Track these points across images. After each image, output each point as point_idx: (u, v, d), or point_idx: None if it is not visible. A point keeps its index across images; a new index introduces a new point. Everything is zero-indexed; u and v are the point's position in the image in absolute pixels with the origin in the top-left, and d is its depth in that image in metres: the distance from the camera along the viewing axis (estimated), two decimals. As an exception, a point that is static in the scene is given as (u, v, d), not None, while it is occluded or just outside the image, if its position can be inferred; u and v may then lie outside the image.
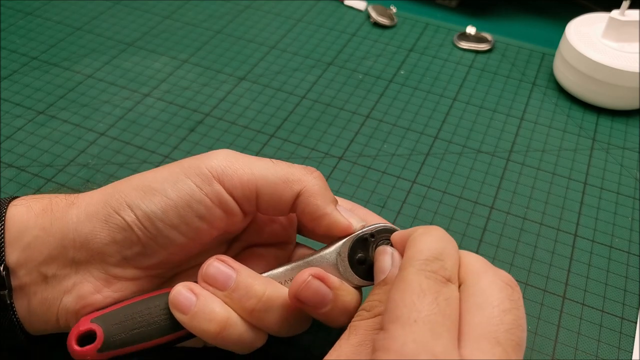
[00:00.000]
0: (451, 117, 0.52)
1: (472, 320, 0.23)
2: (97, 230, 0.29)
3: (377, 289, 0.28)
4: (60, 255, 0.29)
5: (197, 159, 0.30)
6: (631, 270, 0.40)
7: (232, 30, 0.61)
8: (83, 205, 0.29)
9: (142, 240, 0.29)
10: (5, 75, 0.54)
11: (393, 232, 0.30)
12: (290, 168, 0.31)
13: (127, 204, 0.29)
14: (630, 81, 0.50)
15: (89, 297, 0.30)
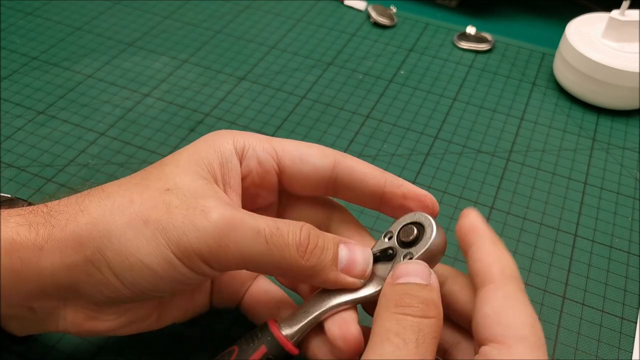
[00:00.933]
0: (451, 117, 0.52)
1: None
2: (80, 283, 0.27)
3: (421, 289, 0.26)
4: (41, 294, 0.27)
5: (184, 227, 0.26)
6: (631, 270, 0.40)
7: (232, 30, 0.61)
8: (57, 253, 0.26)
9: (129, 295, 0.27)
10: (5, 75, 0.54)
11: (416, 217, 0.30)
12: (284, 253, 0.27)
13: (111, 270, 0.26)
14: (630, 81, 0.50)
15: (86, 324, 0.29)
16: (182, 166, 0.28)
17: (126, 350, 0.34)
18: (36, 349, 0.34)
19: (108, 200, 0.27)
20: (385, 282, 0.27)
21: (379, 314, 0.26)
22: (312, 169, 0.30)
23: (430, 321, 0.25)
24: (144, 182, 0.28)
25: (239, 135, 0.30)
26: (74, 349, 0.34)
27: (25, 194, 0.43)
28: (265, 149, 0.30)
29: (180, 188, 0.27)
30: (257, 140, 0.30)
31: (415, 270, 0.27)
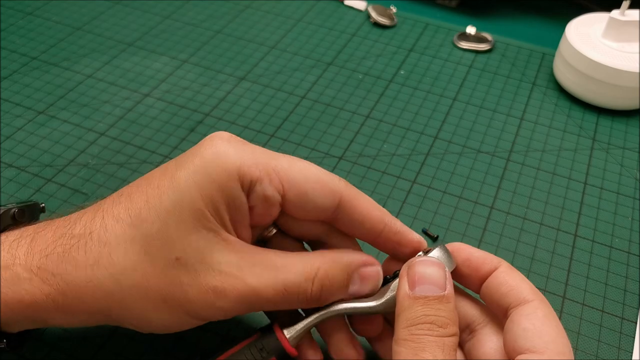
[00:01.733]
0: (451, 117, 0.52)
1: None
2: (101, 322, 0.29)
3: (438, 304, 0.27)
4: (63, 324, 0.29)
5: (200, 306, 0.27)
6: (631, 270, 0.40)
7: (232, 30, 0.61)
8: (70, 315, 0.28)
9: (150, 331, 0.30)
10: (5, 75, 0.54)
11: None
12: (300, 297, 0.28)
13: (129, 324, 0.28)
14: (630, 81, 0.50)
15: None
16: (185, 220, 0.27)
17: (126, 350, 0.34)
18: (36, 349, 0.34)
19: (114, 267, 0.27)
20: (402, 283, 0.28)
21: (401, 332, 0.27)
22: (315, 207, 0.30)
23: (451, 339, 0.26)
24: (148, 242, 0.27)
25: (246, 166, 0.28)
26: (74, 349, 0.34)
27: (26, 194, 0.43)
28: (273, 182, 0.28)
29: (189, 256, 0.27)
30: (264, 172, 0.28)
31: (432, 277, 0.28)
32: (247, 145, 0.29)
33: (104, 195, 0.43)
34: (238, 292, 0.27)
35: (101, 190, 0.44)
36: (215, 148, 0.28)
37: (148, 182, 0.28)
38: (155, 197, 0.27)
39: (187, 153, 0.29)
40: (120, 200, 0.28)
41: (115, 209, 0.28)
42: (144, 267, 0.27)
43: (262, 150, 0.29)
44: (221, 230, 0.28)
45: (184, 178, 0.27)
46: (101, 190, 0.44)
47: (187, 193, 0.27)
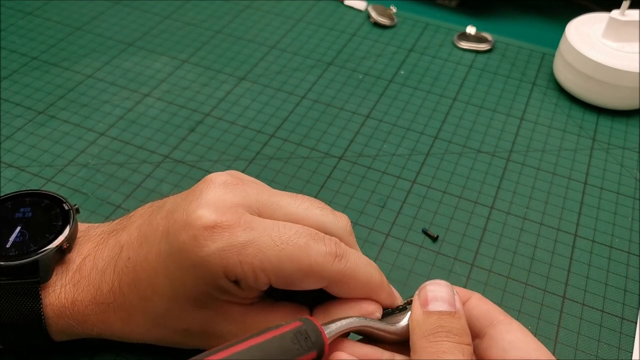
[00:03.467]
0: (451, 117, 0.52)
1: None
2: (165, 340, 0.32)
3: (451, 318, 0.28)
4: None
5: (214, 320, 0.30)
6: (631, 270, 0.40)
7: (232, 30, 0.61)
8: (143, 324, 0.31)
9: None
10: (5, 75, 0.54)
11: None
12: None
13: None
14: (630, 81, 0.50)
15: (117, 330, 0.32)
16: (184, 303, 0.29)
17: (126, 350, 0.34)
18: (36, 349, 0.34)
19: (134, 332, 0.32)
20: (415, 306, 0.29)
21: (419, 341, 0.27)
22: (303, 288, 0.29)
23: (468, 347, 0.27)
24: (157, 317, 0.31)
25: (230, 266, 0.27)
26: (74, 349, 0.34)
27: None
28: (258, 279, 0.28)
29: (194, 328, 0.31)
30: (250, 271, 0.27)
31: (442, 295, 0.29)
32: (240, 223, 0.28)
33: (104, 195, 0.43)
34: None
35: (101, 190, 0.44)
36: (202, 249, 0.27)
37: (147, 252, 0.30)
38: (154, 278, 0.29)
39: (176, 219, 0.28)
40: (129, 269, 0.30)
41: (127, 277, 0.30)
42: (156, 332, 0.31)
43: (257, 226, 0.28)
44: (221, 306, 0.30)
45: (174, 270, 0.28)
46: (101, 190, 0.44)
47: (181, 285, 0.29)
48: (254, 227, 0.28)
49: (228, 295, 0.29)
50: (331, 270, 0.29)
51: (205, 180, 0.30)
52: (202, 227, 0.27)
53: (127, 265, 0.30)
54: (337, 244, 0.29)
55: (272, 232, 0.28)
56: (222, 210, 0.28)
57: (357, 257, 0.30)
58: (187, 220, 0.28)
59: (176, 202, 0.30)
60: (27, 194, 0.34)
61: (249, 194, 0.29)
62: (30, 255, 0.30)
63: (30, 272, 0.30)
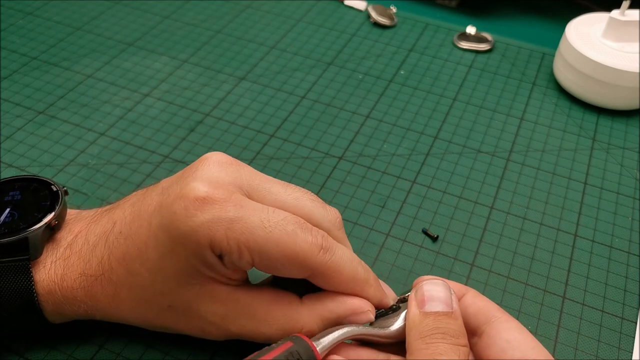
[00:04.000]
0: (451, 117, 0.52)
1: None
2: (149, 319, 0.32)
3: (448, 319, 0.28)
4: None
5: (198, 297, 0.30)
6: (631, 270, 0.40)
7: (232, 30, 0.61)
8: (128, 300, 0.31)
9: None
10: (5, 75, 0.54)
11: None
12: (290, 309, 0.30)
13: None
14: (630, 81, 0.50)
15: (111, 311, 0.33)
16: (170, 277, 0.30)
17: (126, 350, 0.34)
18: (36, 349, 0.34)
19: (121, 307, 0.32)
20: (411, 306, 0.29)
21: (415, 343, 0.28)
22: (286, 274, 0.30)
23: (464, 348, 0.27)
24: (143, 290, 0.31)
25: (217, 240, 0.28)
26: (74, 349, 0.34)
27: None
28: (242, 256, 0.28)
29: (179, 306, 0.31)
30: (235, 247, 0.28)
31: (439, 295, 0.29)
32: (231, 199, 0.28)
33: (104, 195, 0.43)
34: (223, 336, 0.31)
35: (101, 190, 0.44)
36: (191, 219, 0.28)
37: (139, 226, 0.30)
38: (143, 250, 0.30)
39: (170, 192, 0.29)
40: (120, 242, 0.31)
41: (117, 250, 0.31)
42: (140, 308, 0.31)
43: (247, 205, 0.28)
44: (206, 283, 0.30)
45: (164, 241, 0.29)
46: (101, 190, 0.44)
47: (169, 257, 0.29)
48: (244, 206, 0.28)
49: (213, 271, 0.29)
50: (315, 261, 0.29)
51: (201, 159, 0.31)
52: (193, 198, 0.28)
53: (118, 239, 0.31)
54: (324, 237, 0.30)
55: (262, 214, 0.28)
56: (215, 185, 0.28)
57: (343, 253, 0.30)
58: (180, 193, 0.28)
59: (172, 179, 0.31)
60: (15, 179, 0.34)
61: (242, 175, 0.30)
62: (20, 233, 0.31)
63: (21, 249, 0.31)
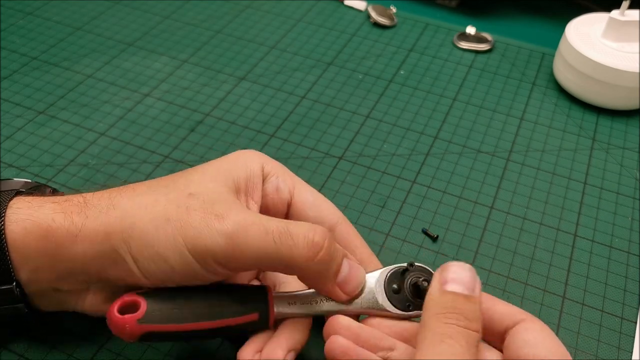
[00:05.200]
0: (451, 117, 0.52)
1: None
2: (106, 269, 0.29)
3: (466, 301, 0.28)
4: (70, 276, 0.30)
5: (201, 227, 0.28)
6: (631, 270, 0.40)
7: (232, 30, 0.61)
8: (87, 241, 0.29)
9: (147, 284, 0.30)
10: (5, 75, 0.54)
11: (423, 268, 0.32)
12: (292, 252, 0.29)
13: (133, 259, 0.29)
14: (630, 81, 0.50)
15: (103, 306, 0.31)
16: (208, 174, 0.31)
17: (126, 350, 0.34)
18: (36, 348, 0.34)
19: (137, 199, 0.30)
20: (434, 283, 0.29)
21: (429, 320, 0.27)
22: (315, 218, 0.34)
23: (475, 334, 0.27)
24: (172, 185, 0.31)
25: (267, 160, 0.34)
26: (74, 349, 0.34)
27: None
28: (286, 181, 0.34)
29: (202, 193, 0.30)
30: (282, 170, 0.34)
31: (463, 278, 0.28)
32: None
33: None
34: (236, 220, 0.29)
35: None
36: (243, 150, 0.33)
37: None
38: (183, 172, 0.32)
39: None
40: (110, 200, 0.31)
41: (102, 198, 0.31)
42: (157, 194, 0.30)
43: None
44: (235, 194, 0.31)
45: (213, 161, 0.32)
46: (101, 190, 0.44)
47: (215, 162, 0.32)
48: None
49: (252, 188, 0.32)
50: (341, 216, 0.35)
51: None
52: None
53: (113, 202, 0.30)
54: None
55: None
56: None
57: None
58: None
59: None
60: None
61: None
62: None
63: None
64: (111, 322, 0.29)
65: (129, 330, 0.28)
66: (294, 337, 0.31)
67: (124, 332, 0.29)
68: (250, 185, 0.32)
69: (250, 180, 0.32)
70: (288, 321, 0.31)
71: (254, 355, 0.31)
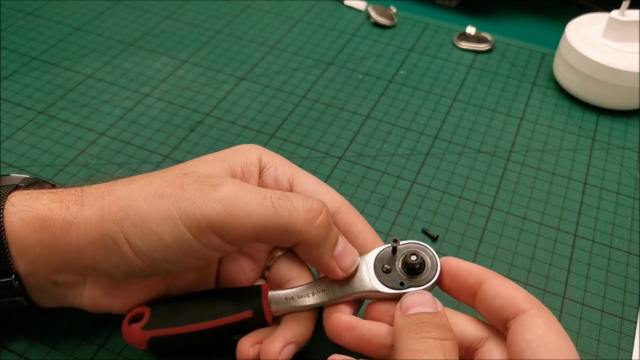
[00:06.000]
0: (451, 117, 0.52)
1: None
2: (99, 257, 0.29)
3: (432, 317, 0.28)
4: (66, 267, 0.30)
5: (196, 198, 0.28)
6: (631, 270, 0.40)
7: (232, 30, 0.61)
8: (82, 228, 0.29)
9: (143, 268, 0.29)
10: (5, 75, 0.54)
11: (416, 244, 0.32)
12: (292, 215, 0.29)
13: (126, 239, 0.28)
14: (630, 81, 0.50)
15: (100, 300, 0.31)
16: (203, 161, 0.32)
17: (126, 350, 0.34)
18: (36, 348, 0.34)
19: (132, 185, 0.30)
20: (396, 315, 0.29)
21: (400, 341, 0.27)
22: None
23: (450, 342, 0.27)
24: (167, 172, 0.31)
25: (266, 152, 0.34)
26: (74, 349, 0.34)
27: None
28: (285, 172, 0.34)
29: (197, 172, 0.30)
30: (280, 161, 0.34)
31: (423, 300, 0.29)
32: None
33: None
34: (231, 187, 0.29)
35: (101, 190, 0.44)
36: (242, 144, 0.34)
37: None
38: (180, 164, 0.32)
39: None
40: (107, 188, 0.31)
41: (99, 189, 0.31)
42: (152, 177, 0.30)
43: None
44: (231, 177, 0.31)
45: (210, 154, 0.33)
46: (101, 190, 0.44)
47: (211, 154, 0.33)
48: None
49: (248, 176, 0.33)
50: (338, 201, 0.34)
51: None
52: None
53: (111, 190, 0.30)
54: None
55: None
56: None
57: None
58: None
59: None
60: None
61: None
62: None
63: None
64: (124, 332, 0.32)
65: (137, 337, 0.31)
66: (295, 330, 0.31)
67: (132, 339, 0.31)
68: (247, 173, 0.32)
69: (246, 168, 0.32)
70: (290, 316, 0.32)
71: (252, 345, 0.31)
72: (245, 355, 0.31)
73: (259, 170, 0.33)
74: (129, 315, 0.32)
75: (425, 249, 0.32)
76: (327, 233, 0.30)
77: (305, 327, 0.31)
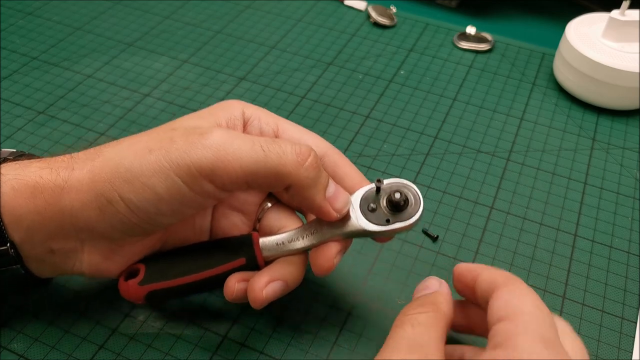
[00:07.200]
0: (451, 117, 0.52)
1: None
2: (93, 218, 0.29)
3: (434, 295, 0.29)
4: (62, 233, 0.30)
5: (186, 147, 0.29)
6: (631, 270, 0.40)
7: (232, 30, 0.61)
8: (73, 191, 0.29)
9: (138, 224, 0.30)
10: (5, 75, 0.54)
11: (399, 182, 0.33)
12: (281, 158, 0.29)
13: (119, 196, 0.29)
14: (630, 81, 0.50)
15: (100, 265, 0.31)
16: (190, 117, 0.32)
17: (126, 350, 0.34)
18: (36, 348, 0.34)
19: (120, 144, 0.30)
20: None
21: (397, 320, 0.28)
22: None
23: (426, 315, 0.28)
24: (154, 129, 0.31)
25: (248, 106, 0.34)
26: (74, 349, 0.34)
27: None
28: (269, 123, 0.34)
29: (184, 125, 0.31)
30: (263, 113, 0.35)
31: (423, 286, 0.30)
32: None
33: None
34: (221, 134, 0.29)
35: (101, 190, 0.44)
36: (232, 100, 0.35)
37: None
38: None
39: None
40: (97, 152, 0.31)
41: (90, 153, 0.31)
42: (141, 136, 0.30)
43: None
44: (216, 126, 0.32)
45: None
46: (101, 190, 0.44)
47: (198, 112, 0.33)
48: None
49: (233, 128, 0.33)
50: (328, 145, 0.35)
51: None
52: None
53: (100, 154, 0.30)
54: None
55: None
56: None
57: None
58: None
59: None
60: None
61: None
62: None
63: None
64: (120, 289, 0.32)
65: (134, 293, 0.32)
66: (282, 269, 0.32)
67: (130, 295, 0.32)
68: (231, 126, 0.33)
69: (230, 122, 0.33)
70: (281, 258, 0.32)
71: (238, 281, 0.32)
72: (231, 291, 0.31)
73: (242, 123, 0.34)
74: (125, 272, 0.32)
75: (408, 186, 0.33)
76: (317, 174, 0.30)
77: (295, 268, 0.32)
